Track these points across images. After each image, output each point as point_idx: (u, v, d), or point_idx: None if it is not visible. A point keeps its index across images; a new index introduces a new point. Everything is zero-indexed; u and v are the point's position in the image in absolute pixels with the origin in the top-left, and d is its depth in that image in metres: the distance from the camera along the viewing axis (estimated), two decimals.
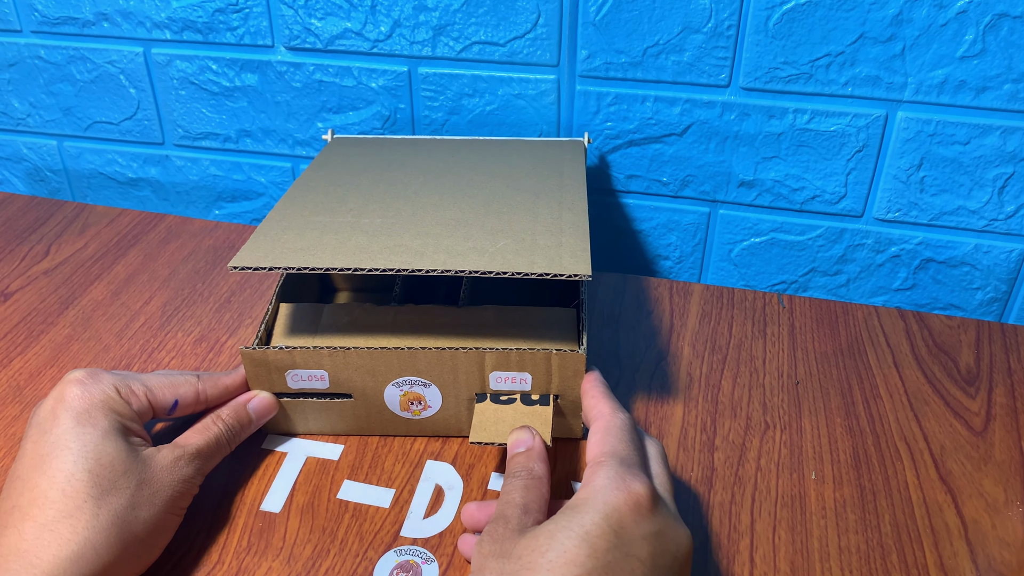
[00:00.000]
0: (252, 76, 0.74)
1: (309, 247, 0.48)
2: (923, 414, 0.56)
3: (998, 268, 0.67)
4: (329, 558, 0.46)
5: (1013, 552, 0.47)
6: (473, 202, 0.53)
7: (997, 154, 0.63)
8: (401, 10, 0.67)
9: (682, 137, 0.68)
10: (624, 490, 0.37)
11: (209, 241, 0.75)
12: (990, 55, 0.59)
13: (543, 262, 0.45)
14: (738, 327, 0.64)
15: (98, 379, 0.45)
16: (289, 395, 0.51)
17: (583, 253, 0.46)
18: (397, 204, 0.53)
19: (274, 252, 0.47)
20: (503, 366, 0.49)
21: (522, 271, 0.44)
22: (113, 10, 0.74)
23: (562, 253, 0.46)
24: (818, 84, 0.63)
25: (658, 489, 0.40)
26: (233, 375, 0.51)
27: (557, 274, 0.44)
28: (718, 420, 0.55)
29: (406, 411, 0.52)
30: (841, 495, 0.50)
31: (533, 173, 0.59)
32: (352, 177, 0.58)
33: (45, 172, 0.86)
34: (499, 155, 0.63)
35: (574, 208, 0.52)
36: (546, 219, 0.51)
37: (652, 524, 0.37)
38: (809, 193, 0.68)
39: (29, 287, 0.68)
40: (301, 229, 0.50)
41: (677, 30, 0.63)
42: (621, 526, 0.36)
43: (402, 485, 0.50)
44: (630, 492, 0.37)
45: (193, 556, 0.46)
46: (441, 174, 0.59)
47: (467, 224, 0.50)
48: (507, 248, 0.47)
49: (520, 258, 0.46)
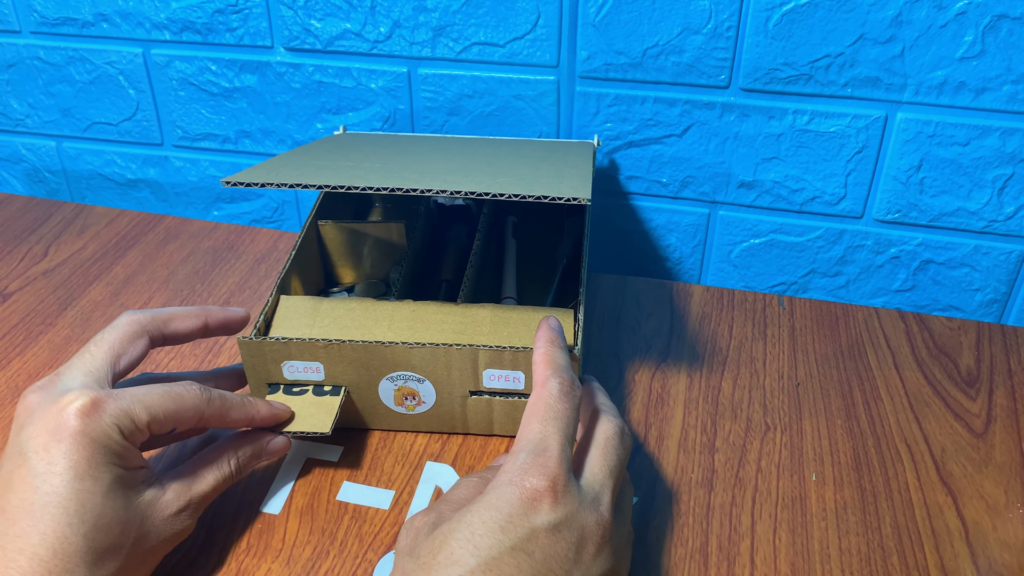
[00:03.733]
0: (251, 77, 0.74)
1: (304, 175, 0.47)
2: (924, 416, 0.56)
3: (998, 269, 0.67)
4: (328, 559, 0.46)
5: (1014, 554, 0.47)
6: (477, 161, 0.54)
7: (997, 155, 0.63)
8: (401, 11, 0.67)
9: (682, 138, 0.68)
10: (518, 486, 0.37)
11: (208, 242, 0.74)
12: (989, 56, 0.59)
13: (542, 189, 0.44)
14: (738, 328, 0.64)
15: (100, 414, 0.40)
16: (285, 386, 0.51)
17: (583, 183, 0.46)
18: (398, 158, 0.54)
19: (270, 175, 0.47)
20: (496, 364, 0.49)
21: (520, 193, 0.43)
22: (112, 11, 0.74)
23: (562, 185, 0.46)
24: (818, 85, 0.63)
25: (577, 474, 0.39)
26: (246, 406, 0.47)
27: (555, 197, 0.42)
28: (718, 422, 0.55)
29: (400, 406, 0.52)
30: (842, 497, 0.50)
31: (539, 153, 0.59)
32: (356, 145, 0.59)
33: (44, 173, 0.86)
34: (506, 146, 0.63)
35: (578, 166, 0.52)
36: (548, 170, 0.51)
37: (551, 516, 0.37)
38: (809, 194, 0.68)
39: (28, 288, 0.68)
40: (299, 167, 0.50)
41: (677, 31, 0.63)
42: (509, 522, 0.36)
43: (402, 486, 0.50)
44: (524, 488, 0.37)
45: (192, 557, 0.46)
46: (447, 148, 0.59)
47: (468, 170, 0.50)
48: (507, 182, 0.46)
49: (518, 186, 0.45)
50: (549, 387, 0.41)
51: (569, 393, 0.41)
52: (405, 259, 0.62)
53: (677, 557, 0.46)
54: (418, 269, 0.66)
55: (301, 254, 0.59)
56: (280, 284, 0.55)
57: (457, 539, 0.36)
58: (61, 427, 0.39)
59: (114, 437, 0.40)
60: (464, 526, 0.37)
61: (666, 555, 0.46)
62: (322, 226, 0.64)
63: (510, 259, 0.66)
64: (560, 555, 0.36)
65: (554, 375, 0.42)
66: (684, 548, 0.47)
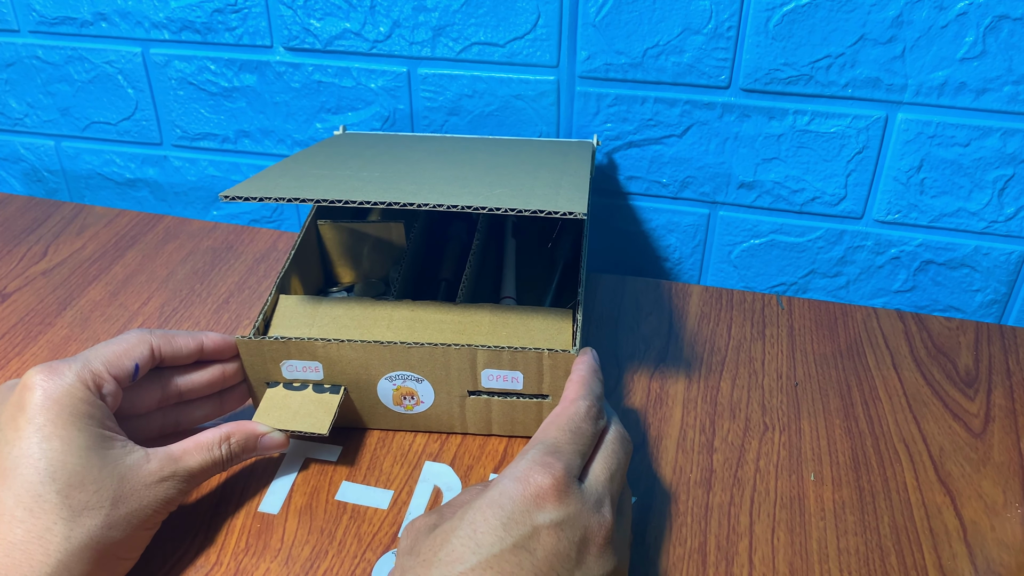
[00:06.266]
0: (251, 76, 0.74)
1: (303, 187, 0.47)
2: (922, 416, 0.56)
3: (998, 270, 0.67)
4: (327, 559, 0.46)
5: (1012, 554, 0.47)
6: (475, 168, 0.54)
7: (997, 156, 0.63)
8: (400, 10, 0.67)
9: (682, 138, 0.68)
10: (523, 482, 0.37)
11: (207, 242, 0.74)
12: (990, 57, 0.59)
13: (538, 203, 0.44)
14: (737, 328, 0.64)
15: (59, 375, 0.41)
16: (284, 385, 0.51)
17: (580, 197, 0.46)
18: (397, 165, 0.54)
19: (267, 188, 0.47)
20: (495, 364, 0.49)
21: (516, 207, 0.43)
22: (111, 10, 0.74)
23: (559, 198, 0.46)
24: (818, 86, 0.63)
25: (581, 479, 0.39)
26: (186, 337, 0.48)
27: (551, 212, 0.43)
28: (717, 421, 0.55)
29: (399, 405, 0.52)
30: (840, 497, 0.50)
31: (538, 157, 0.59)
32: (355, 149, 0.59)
33: (43, 172, 0.86)
34: (505, 147, 0.63)
35: (575, 174, 0.52)
36: (546, 179, 0.51)
37: (555, 514, 0.37)
38: (809, 195, 0.68)
39: (27, 288, 0.68)
40: (297, 177, 0.50)
41: (677, 31, 0.63)
42: (511, 519, 0.36)
43: (400, 486, 0.50)
44: (529, 484, 0.37)
45: (191, 557, 0.46)
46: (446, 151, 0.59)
47: (466, 179, 0.50)
48: (504, 194, 0.46)
49: (515, 199, 0.45)
50: (577, 406, 0.42)
51: (595, 418, 0.42)
52: (404, 259, 0.62)
53: (675, 557, 0.46)
54: (417, 269, 0.66)
55: (300, 254, 0.59)
56: (279, 284, 0.55)
57: (458, 536, 0.36)
58: (24, 397, 0.40)
59: (78, 395, 0.41)
60: (466, 524, 0.36)
61: (664, 555, 0.46)
62: (321, 226, 0.64)
63: (509, 259, 0.66)
64: (562, 554, 0.36)
65: (585, 397, 0.43)
66: (682, 548, 0.47)
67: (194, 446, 0.45)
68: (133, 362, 0.45)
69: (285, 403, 0.50)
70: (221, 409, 0.51)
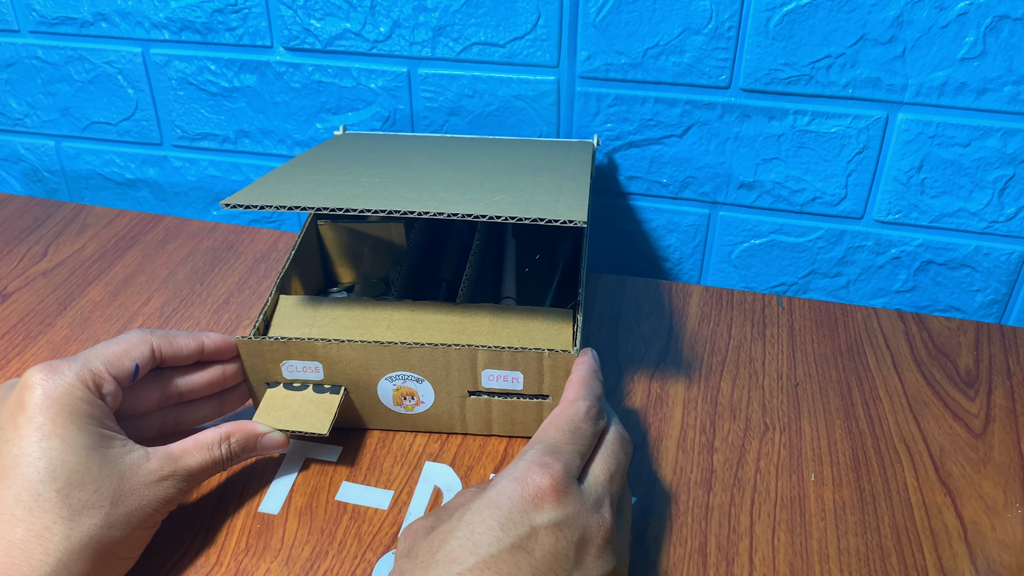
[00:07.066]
0: (251, 77, 0.74)
1: (303, 194, 0.48)
2: (922, 416, 0.56)
3: (998, 270, 0.67)
4: (327, 560, 0.46)
5: (1013, 554, 0.47)
6: (475, 172, 0.54)
7: (997, 156, 0.63)
8: (400, 11, 0.67)
9: (682, 138, 0.68)
10: (521, 483, 0.37)
11: (207, 242, 0.74)
12: (991, 57, 0.59)
13: (538, 210, 0.45)
14: (737, 329, 0.64)
15: (59, 375, 0.41)
16: (284, 385, 0.51)
17: (580, 204, 0.46)
18: (397, 170, 0.54)
19: (267, 195, 0.47)
20: (495, 364, 0.49)
21: (517, 215, 0.43)
22: (111, 10, 0.74)
23: (559, 205, 0.46)
24: (818, 86, 0.63)
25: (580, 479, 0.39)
26: (187, 337, 0.48)
27: (552, 220, 0.43)
28: (717, 422, 0.55)
29: (399, 406, 0.52)
30: (840, 497, 0.50)
31: (538, 159, 0.59)
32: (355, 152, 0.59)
33: (43, 173, 0.86)
34: (506, 147, 0.63)
35: (575, 179, 0.52)
36: (546, 184, 0.51)
37: (553, 514, 0.37)
38: (809, 195, 0.68)
39: (27, 288, 0.68)
40: (298, 183, 0.50)
41: (677, 31, 0.63)
42: (509, 519, 0.36)
43: (401, 487, 0.50)
44: (527, 484, 0.37)
45: (191, 557, 0.46)
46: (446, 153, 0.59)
47: (465, 184, 0.50)
48: (504, 201, 0.47)
49: (516, 207, 0.45)
50: (577, 406, 0.42)
51: (595, 418, 0.42)
52: (404, 259, 0.62)
53: (676, 557, 0.46)
54: (417, 269, 0.66)
55: (300, 254, 0.59)
56: (279, 284, 0.55)
57: (456, 537, 0.36)
58: (23, 396, 0.40)
59: (78, 394, 0.41)
60: (463, 525, 0.36)
61: (665, 555, 0.46)
62: (321, 226, 0.64)
63: (509, 259, 0.66)
64: (561, 554, 0.36)
65: (585, 398, 0.43)
66: (683, 548, 0.47)
67: (194, 445, 0.44)
68: (133, 362, 0.45)
69: (285, 403, 0.50)
70: (221, 409, 0.51)
